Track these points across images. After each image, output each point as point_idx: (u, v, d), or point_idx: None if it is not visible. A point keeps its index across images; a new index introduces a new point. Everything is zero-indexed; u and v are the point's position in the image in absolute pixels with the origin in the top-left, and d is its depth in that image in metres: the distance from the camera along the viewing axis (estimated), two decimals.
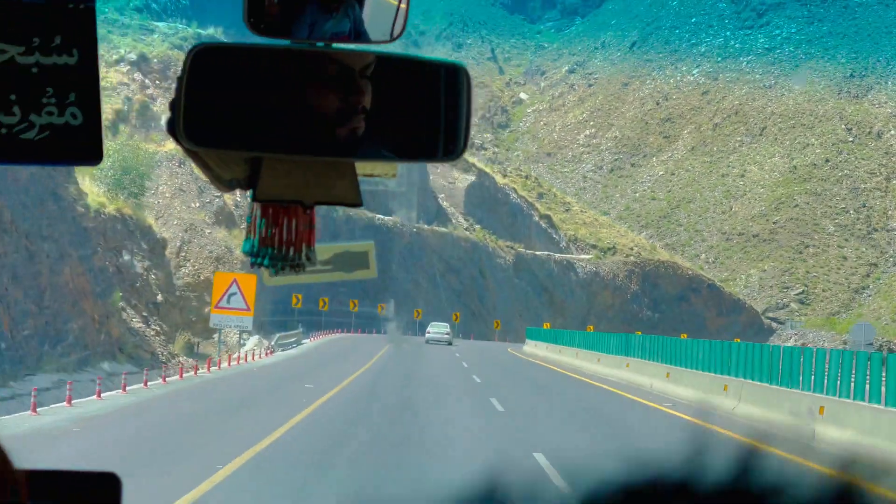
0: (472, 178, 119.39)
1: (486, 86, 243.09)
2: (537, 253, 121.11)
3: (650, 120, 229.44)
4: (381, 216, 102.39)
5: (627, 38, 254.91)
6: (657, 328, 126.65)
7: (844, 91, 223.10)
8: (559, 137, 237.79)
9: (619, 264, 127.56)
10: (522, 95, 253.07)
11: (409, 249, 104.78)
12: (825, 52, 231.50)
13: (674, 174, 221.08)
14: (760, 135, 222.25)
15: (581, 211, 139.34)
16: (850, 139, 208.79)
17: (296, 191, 2.18)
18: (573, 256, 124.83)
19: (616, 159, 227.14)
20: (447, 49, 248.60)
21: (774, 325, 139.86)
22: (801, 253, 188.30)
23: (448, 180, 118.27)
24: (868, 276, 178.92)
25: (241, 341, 62.24)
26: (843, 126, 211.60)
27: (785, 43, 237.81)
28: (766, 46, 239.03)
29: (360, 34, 2.23)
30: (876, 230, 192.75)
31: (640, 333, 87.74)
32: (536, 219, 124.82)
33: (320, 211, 2.27)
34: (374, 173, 2.46)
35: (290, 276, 2.42)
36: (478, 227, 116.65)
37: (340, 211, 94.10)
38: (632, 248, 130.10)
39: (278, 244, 2.23)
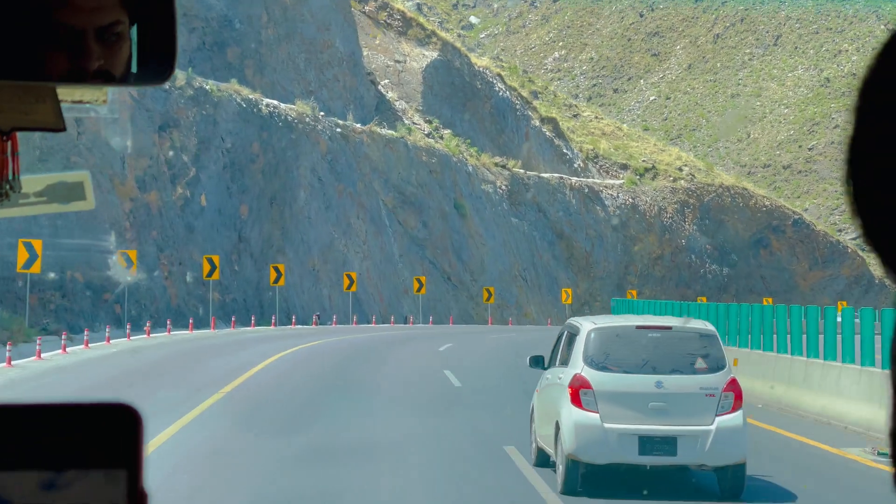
0: (433, 54, 70.60)
1: (429, 8, 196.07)
2: (543, 176, 72.72)
3: (633, 36, 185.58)
4: (274, 101, 53.34)
5: None
6: (727, 290, 79.55)
7: None
8: (522, 64, 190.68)
9: (666, 192, 79.72)
10: (473, 19, 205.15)
11: (331, 166, 56.10)
12: None
13: (669, 98, 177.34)
14: (775, 45, 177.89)
15: (595, 117, 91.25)
16: None
17: None
18: (598, 181, 76.50)
19: (594, 85, 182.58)
20: None
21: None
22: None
23: (394, 57, 69.35)
24: None
25: None
26: (883, 26, 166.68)
27: None
28: None
29: None
30: None
31: (703, 300, 51.24)
32: (536, 123, 76.37)
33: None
34: (83, 99, 2.29)
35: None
36: (447, 132, 67.98)
37: (210, 84, 44.47)
38: (680, 169, 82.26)
39: None
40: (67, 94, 2.12)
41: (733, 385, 12.22)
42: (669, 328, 12.62)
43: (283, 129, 52.21)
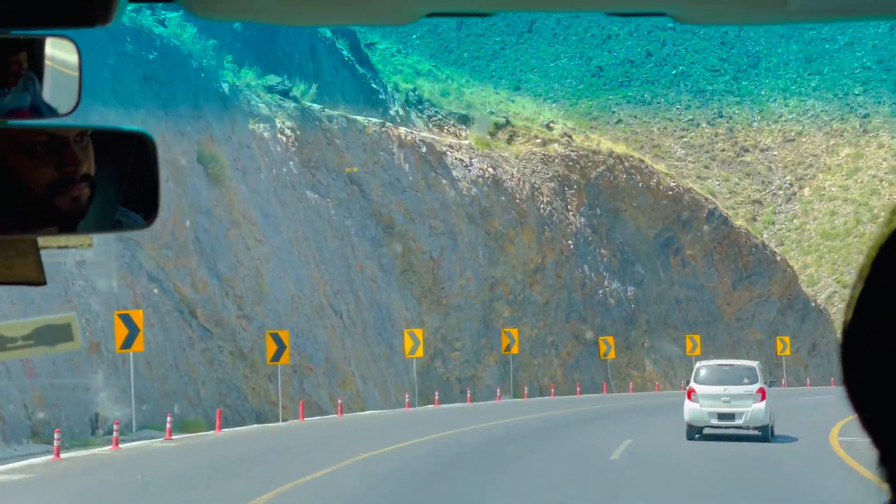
0: None
1: None
2: (355, 119, 38.47)
3: None
4: None
5: None
6: (635, 323, 47.87)
7: None
8: None
9: (535, 162, 47.84)
10: None
11: None
12: None
13: (411, 94, 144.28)
14: (529, 31, 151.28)
15: (398, 51, 58.16)
16: (671, 26, 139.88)
17: None
18: (437, 138, 42.98)
19: None
20: None
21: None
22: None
23: None
24: (755, 219, 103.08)
25: None
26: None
27: None
28: None
29: (39, 109, 2.04)
30: (746, 150, 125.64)
31: (610, 341, 46.33)
32: (327, 33, 42.52)
33: None
34: (69, 245, 2.37)
35: None
36: (169, 16, 32.72)
37: None
38: (548, 127, 50.24)
39: None
40: (52, 240, 2.01)
41: (761, 391, 27.02)
42: (733, 365, 28.65)
43: None
